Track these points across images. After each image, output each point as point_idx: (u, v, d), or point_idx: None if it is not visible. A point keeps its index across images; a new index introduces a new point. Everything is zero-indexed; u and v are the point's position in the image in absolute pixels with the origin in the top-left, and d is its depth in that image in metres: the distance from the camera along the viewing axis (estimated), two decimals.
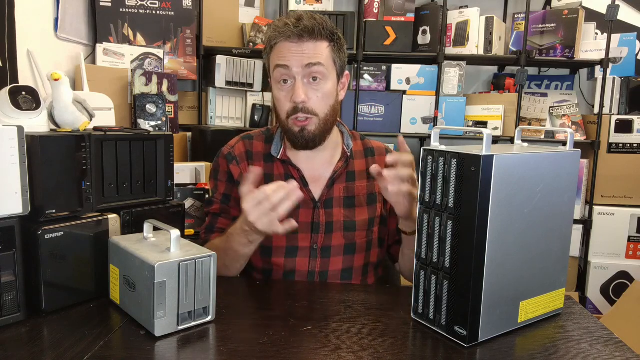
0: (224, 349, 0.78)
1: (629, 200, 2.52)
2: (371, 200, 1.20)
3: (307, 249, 1.15)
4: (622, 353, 0.79)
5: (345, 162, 1.19)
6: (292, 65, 1.07)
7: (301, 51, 1.07)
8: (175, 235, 0.84)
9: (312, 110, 1.09)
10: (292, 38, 1.07)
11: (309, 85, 1.09)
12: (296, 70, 1.07)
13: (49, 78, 0.94)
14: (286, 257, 1.14)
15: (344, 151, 1.20)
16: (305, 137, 1.11)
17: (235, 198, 1.18)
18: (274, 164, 1.18)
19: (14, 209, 0.81)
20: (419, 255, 0.86)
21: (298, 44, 1.07)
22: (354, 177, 1.20)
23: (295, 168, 1.17)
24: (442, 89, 2.48)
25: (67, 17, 1.91)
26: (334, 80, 1.12)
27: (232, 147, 1.21)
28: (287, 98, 1.09)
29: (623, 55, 2.61)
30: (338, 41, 1.12)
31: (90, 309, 0.90)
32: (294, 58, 1.07)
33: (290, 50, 1.07)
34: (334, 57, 1.11)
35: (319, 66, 1.08)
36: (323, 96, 1.10)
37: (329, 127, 1.14)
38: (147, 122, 1.91)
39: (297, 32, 1.06)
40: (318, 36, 1.08)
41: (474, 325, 0.79)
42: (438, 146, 0.83)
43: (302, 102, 1.07)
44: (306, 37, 1.07)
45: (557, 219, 0.88)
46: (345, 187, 1.18)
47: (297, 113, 1.09)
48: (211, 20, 2.43)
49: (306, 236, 1.15)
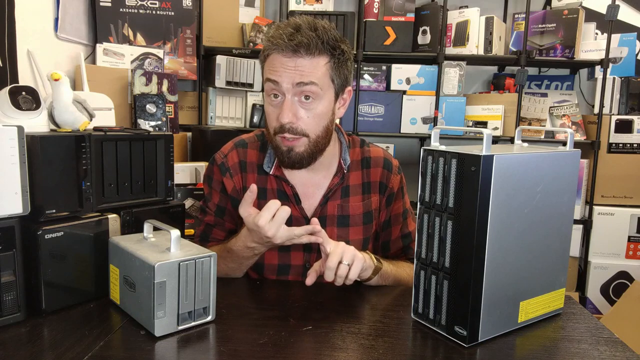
0: (224, 349, 0.78)
1: (629, 200, 2.51)
2: (367, 219, 1.16)
3: (300, 267, 1.13)
4: (622, 353, 0.79)
5: (341, 179, 1.14)
6: (282, 81, 0.99)
7: (293, 67, 0.98)
8: (175, 235, 0.84)
9: (301, 131, 1.02)
10: (285, 52, 0.98)
11: (300, 104, 1.01)
12: (286, 87, 0.99)
13: (49, 78, 0.94)
14: (278, 275, 1.13)
15: (340, 165, 1.15)
16: (292, 158, 1.04)
17: (229, 210, 1.16)
18: (268, 177, 1.13)
19: (14, 209, 0.81)
20: (419, 255, 0.86)
21: (292, 59, 0.98)
22: (348, 192, 1.15)
23: (288, 184, 1.12)
24: (442, 89, 2.48)
25: (67, 17, 1.91)
26: (329, 99, 1.04)
27: (225, 157, 1.15)
28: (275, 115, 1.03)
29: (623, 55, 2.61)
30: (340, 56, 1.02)
31: (90, 309, 0.90)
32: (285, 74, 0.99)
33: (282, 65, 0.99)
34: (333, 74, 1.02)
35: (312, 85, 0.99)
36: (314, 116, 1.02)
37: (320, 148, 1.07)
38: (147, 122, 1.91)
39: (291, 46, 0.97)
40: (315, 51, 0.98)
41: (474, 325, 0.79)
42: (438, 146, 0.83)
43: (289, 122, 1.01)
44: (301, 52, 0.98)
45: (557, 219, 0.88)
46: (339, 205, 1.14)
47: (284, 132, 1.02)
48: (211, 20, 2.43)
49: (299, 255, 1.13)
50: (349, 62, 1.06)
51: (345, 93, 1.10)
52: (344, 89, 1.08)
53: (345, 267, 0.95)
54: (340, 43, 1.03)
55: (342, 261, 0.96)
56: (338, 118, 1.12)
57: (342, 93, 1.08)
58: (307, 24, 1.00)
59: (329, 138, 1.09)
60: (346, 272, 0.96)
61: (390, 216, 1.21)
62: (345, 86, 1.08)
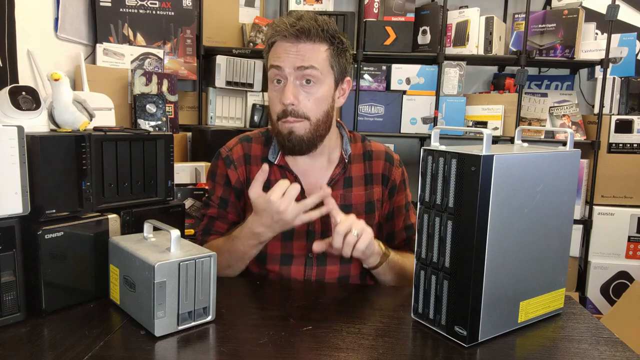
0: (224, 349, 0.78)
1: (629, 200, 2.51)
2: (370, 208, 1.18)
3: (302, 257, 1.14)
4: (622, 353, 0.79)
5: (342, 169, 1.16)
6: (284, 66, 1.05)
7: (295, 52, 1.04)
8: (175, 235, 0.84)
9: (302, 114, 1.07)
10: (288, 38, 1.05)
11: (302, 87, 1.06)
12: (288, 71, 1.05)
13: (49, 78, 0.94)
14: (281, 265, 1.13)
15: (342, 156, 1.17)
16: (293, 140, 1.08)
17: (232, 202, 1.18)
18: (271, 168, 1.16)
19: (14, 209, 0.81)
20: (419, 255, 0.86)
21: (294, 44, 1.05)
22: (351, 183, 1.18)
23: (292, 174, 1.15)
24: (442, 89, 2.48)
25: (67, 17, 1.91)
26: (330, 85, 1.09)
27: (230, 150, 1.19)
28: (278, 99, 1.08)
29: (623, 55, 2.61)
30: (339, 45, 1.09)
31: (90, 309, 0.90)
32: (288, 59, 1.05)
33: (285, 50, 1.05)
34: (332, 61, 1.08)
35: (312, 69, 1.05)
36: (315, 100, 1.07)
37: (320, 133, 1.10)
38: (147, 122, 1.91)
39: (293, 32, 1.04)
40: (315, 38, 1.05)
41: (474, 325, 0.79)
42: (438, 146, 0.83)
43: (291, 103, 1.05)
44: (303, 38, 1.04)
45: (557, 219, 0.88)
46: (342, 195, 1.16)
47: (286, 116, 1.07)
48: (211, 20, 2.43)
49: (301, 244, 1.14)
50: (348, 53, 1.12)
51: (345, 83, 1.15)
52: (344, 78, 1.14)
53: (354, 237, 0.97)
54: (339, 34, 1.09)
55: (351, 231, 0.97)
56: (338, 107, 1.16)
57: (341, 82, 1.14)
58: (309, 15, 1.08)
59: (329, 124, 1.13)
60: (354, 241, 0.97)
61: (394, 208, 1.23)
62: (345, 76, 1.14)
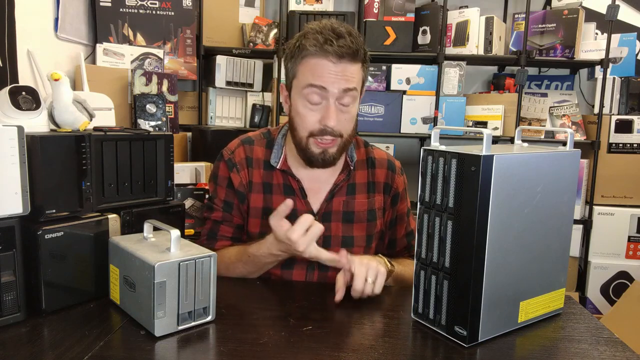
0: (224, 349, 0.78)
1: (629, 200, 2.51)
2: (372, 216, 1.18)
3: (304, 261, 1.13)
4: (622, 353, 0.79)
5: (347, 175, 1.16)
6: (330, 88, 1.01)
7: (340, 73, 1.01)
8: (175, 235, 0.84)
9: (338, 133, 1.06)
10: (331, 57, 1.00)
11: (340, 107, 1.05)
12: (332, 92, 1.02)
13: (49, 78, 0.94)
14: (283, 268, 1.13)
15: (347, 163, 1.17)
16: (326, 159, 1.08)
17: (236, 205, 1.17)
18: (274, 172, 1.15)
19: (14, 209, 0.81)
20: (419, 255, 0.86)
21: (336, 64, 1.01)
22: (354, 190, 1.17)
23: (294, 179, 1.14)
24: (442, 89, 2.48)
25: (67, 17, 1.91)
26: (358, 100, 1.09)
27: (232, 153, 1.17)
28: (316, 118, 1.05)
29: (623, 55, 2.61)
30: (368, 60, 1.07)
31: (90, 309, 0.90)
32: (333, 80, 1.01)
33: (328, 71, 1.01)
34: (364, 77, 1.08)
35: (354, 91, 1.04)
36: (350, 119, 1.07)
37: (347, 147, 1.12)
38: (147, 122, 1.91)
39: (340, 52, 0.99)
40: (357, 58, 1.02)
41: (474, 325, 0.79)
42: (438, 146, 0.83)
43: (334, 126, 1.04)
44: (347, 59, 1.00)
45: (557, 219, 0.88)
46: (345, 202, 1.16)
47: (324, 135, 1.05)
48: (211, 20, 2.43)
49: None
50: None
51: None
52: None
53: (371, 285, 0.98)
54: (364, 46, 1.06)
55: (367, 279, 0.98)
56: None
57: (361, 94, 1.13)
58: (343, 27, 1.02)
59: (354, 136, 1.14)
60: (372, 289, 0.98)
61: (396, 216, 1.23)
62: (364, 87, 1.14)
